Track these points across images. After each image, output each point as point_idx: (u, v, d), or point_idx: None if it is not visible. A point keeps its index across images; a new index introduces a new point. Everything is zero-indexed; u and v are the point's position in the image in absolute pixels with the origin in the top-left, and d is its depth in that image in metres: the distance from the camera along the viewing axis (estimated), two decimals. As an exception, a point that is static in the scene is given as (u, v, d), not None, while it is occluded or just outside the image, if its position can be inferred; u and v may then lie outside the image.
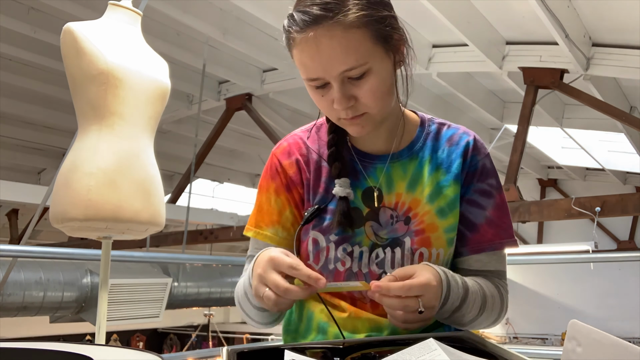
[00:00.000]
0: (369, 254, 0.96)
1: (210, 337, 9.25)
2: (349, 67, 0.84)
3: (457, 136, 1.01)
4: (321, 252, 0.97)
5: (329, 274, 0.97)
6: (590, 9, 3.51)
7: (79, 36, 1.72)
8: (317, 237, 0.97)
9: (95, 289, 4.63)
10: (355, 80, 0.86)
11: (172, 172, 6.90)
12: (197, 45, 4.39)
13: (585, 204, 3.89)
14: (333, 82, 0.86)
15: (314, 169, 1.00)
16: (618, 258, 4.42)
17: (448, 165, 0.99)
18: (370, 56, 0.86)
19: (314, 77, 0.87)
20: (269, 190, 1.01)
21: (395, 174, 0.99)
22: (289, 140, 1.04)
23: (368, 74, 0.86)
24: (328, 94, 0.88)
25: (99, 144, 1.74)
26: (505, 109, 5.61)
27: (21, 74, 4.65)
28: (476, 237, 0.99)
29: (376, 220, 0.97)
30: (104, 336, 1.89)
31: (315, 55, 0.84)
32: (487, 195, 0.99)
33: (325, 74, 0.86)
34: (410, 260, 0.95)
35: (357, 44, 0.84)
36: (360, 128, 0.91)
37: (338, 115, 0.90)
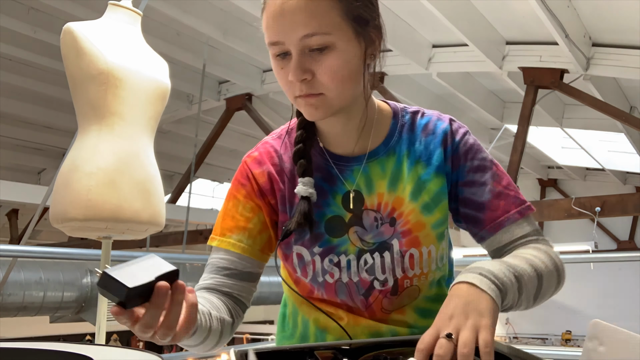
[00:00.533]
0: (357, 261, 0.92)
1: (210, 337, 9.25)
2: (310, 32, 0.80)
3: (432, 124, 0.95)
4: (307, 266, 0.92)
5: (319, 286, 0.93)
6: (590, 9, 3.51)
7: (79, 36, 1.72)
8: (301, 251, 0.93)
9: (95, 289, 4.63)
10: (315, 53, 0.81)
11: (172, 172, 6.90)
12: (197, 45, 4.39)
13: (585, 204, 3.89)
14: (293, 50, 0.81)
15: (288, 178, 0.94)
16: (618, 258, 4.41)
17: (428, 158, 0.93)
18: (335, 29, 0.81)
19: (274, 40, 0.83)
20: (237, 196, 0.95)
21: (373, 174, 0.93)
22: (261, 148, 0.98)
23: (330, 50, 0.81)
24: (287, 66, 0.83)
25: (99, 144, 1.74)
26: (505, 109, 5.61)
27: (21, 74, 4.66)
28: (490, 215, 0.92)
29: (360, 225, 0.92)
30: (104, 336, 1.89)
31: (279, 16, 0.81)
32: (482, 170, 0.93)
33: (286, 37, 0.81)
34: (400, 263, 0.91)
35: (323, 11, 0.80)
36: (314, 109, 0.85)
37: (295, 92, 0.85)
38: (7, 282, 4.00)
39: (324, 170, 0.94)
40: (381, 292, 0.92)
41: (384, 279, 0.91)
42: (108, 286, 0.62)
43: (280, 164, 0.95)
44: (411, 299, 0.94)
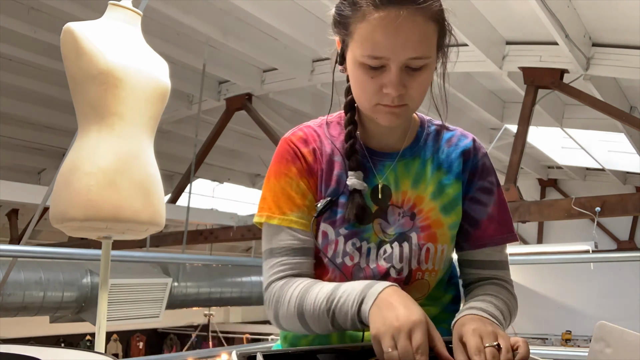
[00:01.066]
0: (376, 250, 0.97)
1: (210, 337, 9.25)
2: (418, 56, 0.86)
3: (455, 138, 1.04)
4: (329, 245, 0.97)
5: (335, 268, 0.97)
6: (590, 9, 3.51)
7: (79, 36, 1.72)
8: (327, 229, 0.97)
9: (95, 289, 4.63)
10: (412, 71, 0.88)
11: (172, 172, 6.90)
12: (197, 45, 4.39)
13: (585, 204, 3.89)
14: (394, 67, 0.86)
15: (326, 161, 1.00)
16: (618, 258, 4.41)
17: (449, 165, 1.01)
18: (432, 52, 0.89)
19: (378, 55, 0.86)
20: (289, 174, 0.98)
21: (400, 172, 1.00)
22: (304, 129, 1.03)
23: (425, 69, 0.89)
24: (379, 77, 0.88)
25: (99, 144, 1.74)
26: (505, 109, 5.61)
27: (21, 74, 4.65)
28: (478, 233, 1.01)
29: (384, 219, 0.98)
30: (104, 336, 1.89)
31: (391, 35, 0.84)
32: (487, 192, 1.02)
33: (393, 55, 0.85)
34: (417, 255, 0.97)
35: (430, 36, 0.87)
36: (395, 118, 0.92)
37: (380, 101, 0.90)
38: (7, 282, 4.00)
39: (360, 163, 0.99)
40: (395, 280, 0.96)
41: (400, 267, 0.97)
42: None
43: (321, 146, 1.01)
44: (420, 293, 0.99)
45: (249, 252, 10.71)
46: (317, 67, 4.73)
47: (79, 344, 9.14)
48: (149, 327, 9.96)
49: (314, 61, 4.73)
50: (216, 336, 9.40)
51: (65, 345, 8.94)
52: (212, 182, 8.28)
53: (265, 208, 0.99)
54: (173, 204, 5.37)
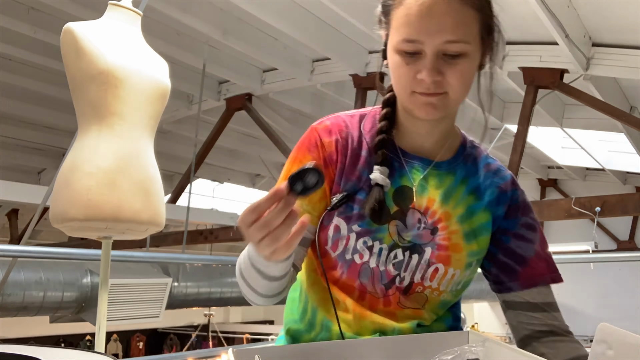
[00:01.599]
0: (387, 252, 0.94)
1: (210, 337, 9.26)
2: (454, 39, 0.84)
3: (494, 166, 1.01)
4: (341, 240, 0.94)
5: (344, 264, 0.95)
6: (590, 9, 3.51)
7: (79, 36, 1.72)
8: (340, 224, 0.94)
9: (95, 289, 4.63)
10: (449, 58, 0.85)
11: (172, 172, 6.90)
12: (197, 45, 4.39)
13: (585, 204, 3.89)
14: (429, 51, 0.84)
15: (350, 154, 0.97)
16: (618, 258, 4.42)
17: (482, 192, 0.98)
18: (472, 40, 0.86)
19: (413, 38, 0.84)
20: (303, 161, 0.96)
21: (430, 182, 0.97)
22: (332, 119, 1.00)
23: (463, 56, 0.86)
24: (415, 64, 0.86)
25: (99, 144, 1.74)
26: (505, 109, 5.61)
27: (21, 74, 4.65)
28: (528, 271, 0.98)
29: (402, 221, 0.95)
30: (104, 336, 1.89)
31: (426, 17, 0.83)
32: (532, 230, 1.00)
33: (427, 38, 0.84)
34: (423, 270, 0.94)
35: (468, 21, 0.85)
36: (433, 108, 0.88)
37: (417, 89, 0.87)
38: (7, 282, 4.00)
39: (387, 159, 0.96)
40: (397, 289, 0.95)
41: (403, 277, 0.95)
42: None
43: (348, 138, 0.98)
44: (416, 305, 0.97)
45: (249, 252, 10.70)
46: (317, 67, 4.73)
47: (79, 344, 9.14)
48: (149, 327, 9.97)
49: (314, 61, 4.73)
50: (216, 336, 9.41)
51: (65, 345, 8.95)
52: (212, 182, 8.28)
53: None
54: (173, 204, 5.38)
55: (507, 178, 1.00)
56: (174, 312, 7.42)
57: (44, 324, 5.41)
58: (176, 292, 5.46)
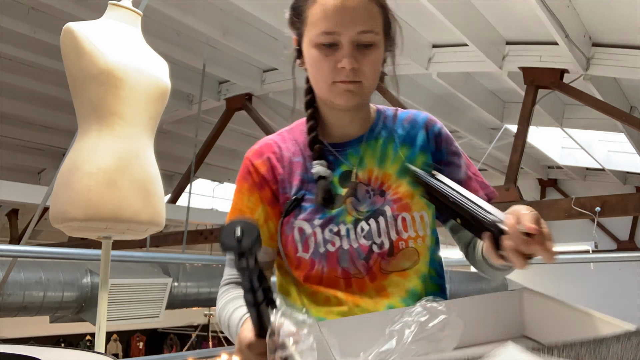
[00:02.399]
0: (354, 228, 1.00)
1: (210, 337, 9.25)
2: (367, 29, 0.94)
3: (411, 115, 1.10)
4: (309, 239, 1.00)
5: (321, 258, 0.99)
6: (590, 9, 3.51)
7: (79, 36, 1.72)
8: (302, 225, 1.00)
9: (95, 289, 4.63)
10: (362, 48, 0.95)
11: (172, 172, 6.90)
12: (197, 45, 4.39)
13: (585, 204, 3.89)
14: (346, 41, 0.94)
15: (287, 164, 1.05)
16: (618, 258, 4.42)
17: (412, 140, 1.07)
18: (379, 30, 0.97)
19: (331, 30, 0.94)
20: (242, 190, 1.06)
21: (364, 154, 1.05)
22: (261, 143, 1.10)
23: (374, 47, 0.96)
24: (333, 55, 0.95)
25: (99, 144, 1.74)
26: (505, 109, 5.61)
27: (21, 74, 4.65)
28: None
29: (355, 196, 1.02)
30: (104, 336, 1.89)
31: (340, 9, 0.93)
32: (458, 156, 1.08)
33: (344, 29, 0.94)
34: (394, 226, 1.00)
35: (375, 14, 0.96)
36: (352, 96, 0.97)
37: (336, 78, 0.96)
38: (7, 282, 4.00)
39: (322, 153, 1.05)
40: (379, 255, 1.00)
41: (381, 242, 1.00)
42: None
43: (280, 152, 1.07)
44: (411, 261, 1.01)
45: (249, 252, 10.70)
46: (317, 67, 4.73)
47: (79, 344, 9.14)
48: (149, 327, 9.97)
49: (314, 61, 4.73)
50: (216, 336, 9.40)
51: (65, 345, 8.95)
52: (212, 182, 8.28)
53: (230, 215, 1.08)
54: (173, 204, 5.38)
55: (425, 118, 1.09)
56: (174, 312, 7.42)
57: (44, 324, 5.40)
58: (176, 292, 5.45)
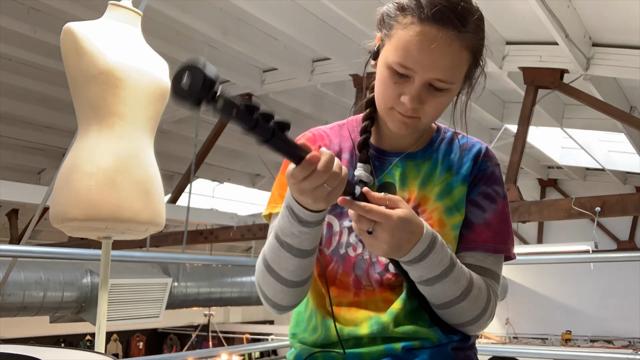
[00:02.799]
0: None
1: (210, 337, 9.25)
2: (444, 79, 0.89)
3: (470, 143, 1.05)
4: (334, 237, 0.99)
5: (339, 258, 0.99)
6: (590, 9, 3.51)
7: (79, 36, 1.72)
8: (332, 221, 1.00)
9: (95, 289, 4.63)
10: (434, 90, 0.91)
11: (172, 172, 6.90)
12: (197, 45, 4.39)
13: (585, 204, 3.89)
14: (418, 81, 0.89)
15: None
16: (618, 258, 4.42)
17: (458, 167, 1.02)
18: (459, 79, 0.93)
19: (407, 65, 0.89)
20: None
21: (409, 172, 1.02)
22: (313, 131, 1.08)
23: (447, 92, 0.92)
24: (402, 85, 0.91)
25: (99, 144, 1.74)
26: (505, 109, 5.61)
27: (21, 74, 4.65)
28: (471, 236, 0.99)
29: None
30: (104, 336, 1.89)
31: (425, 51, 0.87)
32: (489, 200, 1.01)
33: (421, 70, 0.88)
34: None
35: (461, 64, 0.90)
36: (405, 127, 0.95)
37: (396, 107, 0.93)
38: (7, 282, 4.00)
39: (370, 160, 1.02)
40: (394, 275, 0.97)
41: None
42: None
43: (330, 145, 1.05)
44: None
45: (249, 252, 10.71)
46: (317, 67, 4.74)
47: (79, 344, 9.14)
48: (149, 327, 9.96)
49: (314, 61, 4.74)
50: (216, 336, 9.40)
51: (65, 345, 8.94)
52: (212, 182, 8.28)
53: (273, 200, 1.03)
54: (173, 204, 5.38)
55: (480, 151, 1.03)
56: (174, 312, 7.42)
57: (44, 324, 5.40)
58: (176, 292, 5.46)
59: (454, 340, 0.97)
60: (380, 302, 0.97)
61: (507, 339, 8.24)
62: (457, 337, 0.98)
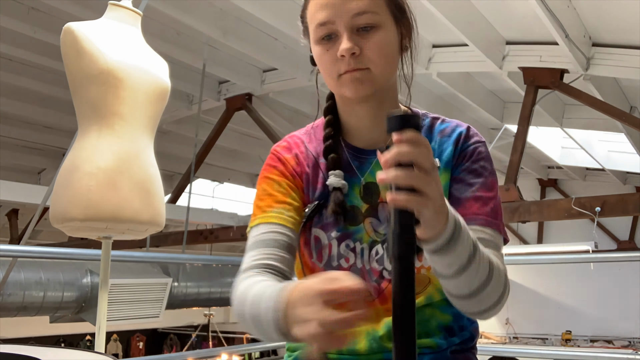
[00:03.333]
0: (369, 250, 0.95)
1: (210, 337, 9.25)
2: (361, 10, 0.88)
3: (449, 129, 0.99)
4: (324, 250, 0.96)
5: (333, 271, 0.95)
6: (590, 9, 3.51)
7: (79, 36, 1.72)
8: (319, 234, 0.96)
9: (95, 289, 4.63)
10: (363, 32, 0.89)
11: (172, 172, 6.90)
12: (197, 45, 4.39)
13: (585, 204, 3.89)
14: (342, 29, 0.89)
15: (312, 165, 1.00)
16: (618, 258, 4.41)
17: (439, 155, 0.97)
18: (381, 11, 0.90)
19: (325, 20, 0.89)
20: (271, 177, 1.00)
21: None
22: (288, 139, 1.06)
23: (377, 29, 0.89)
24: (333, 47, 0.90)
25: (99, 144, 1.74)
26: (505, 109, 5.61)
27: (21, 74, 4.65)
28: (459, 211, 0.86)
29: (375, 217, 0.96)
30: (104, 336, 1.89)
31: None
32: (476, 175, 0.94)
33: (337, 16, 0.88)
34: None
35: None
36: (360, 84, 0.90)
37: (340, 69, 0.90)
38: (7, 282, 4.00)
39: (345, 162, 0.99)
40: (389, 281, 0.93)
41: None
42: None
43: (306, 151, 1.02)
44: (420, 286, 0.94)
45: (249, 252, 10.69)
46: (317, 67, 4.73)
47: (79, 344, 9.14)
48: (149, 327, 9.96)
49: (314, 61, 4.73)
50: (216, 336, 9.40)
51: (65, 345, 8.94)
52: (212, 182, 8.28)
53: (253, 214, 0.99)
54: (173, 204, 5.37)
55: (462, 132, 0.97)
56: (174, 312, 7.42)
57: (44, 324, 5.40)
58: (176, 292, 5.46)
59: (454, 343, 0.96)
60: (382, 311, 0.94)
61: (507, 339, 8.24)
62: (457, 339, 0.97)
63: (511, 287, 0.96)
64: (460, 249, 0.77)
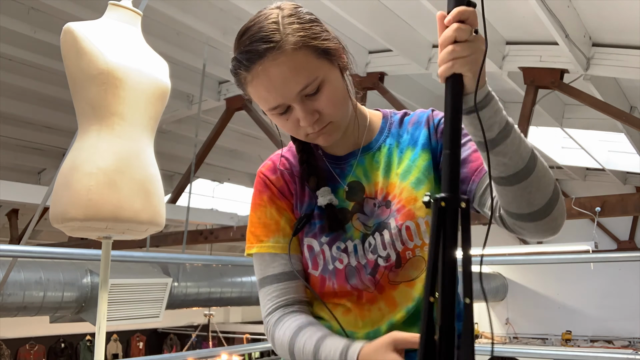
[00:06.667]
0: (362, 244, 0.99)
1: (210, 337, 9.25)
2: (304, 86, 0.90)
3: (416, 117, 1.06)
4: (317, 257, 1.00)
5: (331, 275, 1.00)
6: (590, 9, 3.51)
7: (79, 36, 1.72)
8: (311, 242, 1.01)
9: (95, 289, 4.63)
10: (312, 95, 0.91)
11: (172, 172, 6.90)
12: (197, 45, 4.39)
13: (585, 204, 3.89)
14: (294, 104, 0.92)
15: (298, 180, 1.06)
16: (618, 258, 4.41)
17: (414, 141, 1.03)
18: (318, 70, 0.91)
19: (274, 105, 0.92)
20: (262, 203, 1.05)
21: (369, 166, 1.03)
22: (272, 158, 1.11)
23: (322, 87, 0.92)
24: (292, 117, 0.94)
25: (99, 144, 1.74)
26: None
27: (21, 74, 4.65)
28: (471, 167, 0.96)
29: (362, 212, 1.01)
30: (104, 336, 1.89)
31: (270, 85, 0.90)
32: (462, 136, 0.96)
33: (284, 99, 0.91)
34: (399, 237, 0.97)
35: (303, 63, 0.90)
36: (328, 136, 0.96)
37: (305, 132, 0.95)
38: (7, 282, 4.00)
39: (326, 171, 1.05)
40: (386, 268, 0.98)
41: (386, 254, 0.98)
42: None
43: (291, 167, 1.08)
44: (418, 270, 0.98)
45: (249, 252, 10.70)
46: (317, 67, 4.73)
47: (79, 344, 9.14)
48: (149, 327, 9.97)
49: (314, 61, 4.73)
50: (216, 336, 9.40)
51: (65, 345, 8.95)
52: (212, 182, 8.28)
53: (249, 240, 1.06)
54: (173, 204, 5.37)
55: (427, 114, 1.05)
56: (174, 312, 7.42)
57: (44, 324, 5.41)
58: (176, 292, 5.46)
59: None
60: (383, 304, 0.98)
61: (507, 339, 8.24)
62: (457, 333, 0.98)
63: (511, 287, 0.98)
64: (498, 108, 0.92)
